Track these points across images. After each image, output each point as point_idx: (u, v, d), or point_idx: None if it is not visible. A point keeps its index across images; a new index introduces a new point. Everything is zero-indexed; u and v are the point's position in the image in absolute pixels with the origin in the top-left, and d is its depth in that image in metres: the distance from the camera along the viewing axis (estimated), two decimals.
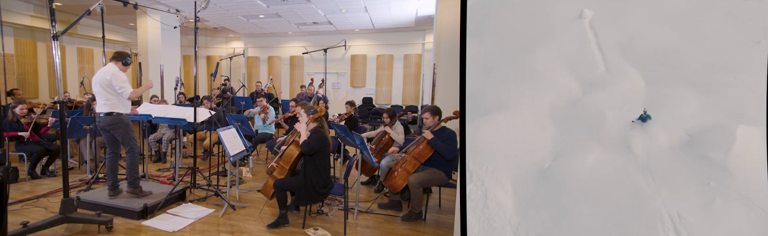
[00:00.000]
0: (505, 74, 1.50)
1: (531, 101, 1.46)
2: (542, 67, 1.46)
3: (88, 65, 9.07)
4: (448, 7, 4.58)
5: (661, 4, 1.34)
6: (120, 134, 3.09)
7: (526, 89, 1.47)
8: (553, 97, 1.44)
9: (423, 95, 9.05)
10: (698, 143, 1.25)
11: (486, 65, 1.53)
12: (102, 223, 2.68)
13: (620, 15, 1.38)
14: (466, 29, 1.53)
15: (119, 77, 3.01)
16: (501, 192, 1.42)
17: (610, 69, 1.38)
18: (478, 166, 1.48)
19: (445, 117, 3.17)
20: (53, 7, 2.53)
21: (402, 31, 9.43)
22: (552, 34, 1.46)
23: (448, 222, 3.09)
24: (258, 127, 5.23)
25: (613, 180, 1.32)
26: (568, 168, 1.37)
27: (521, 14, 1.51)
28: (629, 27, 1.37)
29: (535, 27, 1.49)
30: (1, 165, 1.31)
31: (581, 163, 1.36)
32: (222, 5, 6.91)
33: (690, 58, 1.30)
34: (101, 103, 3.05)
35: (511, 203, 1.41)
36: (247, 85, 9.95)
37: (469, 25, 1.54)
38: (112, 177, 3.17)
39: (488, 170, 1.46)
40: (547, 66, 1.46)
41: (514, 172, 1.43)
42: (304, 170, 2.79)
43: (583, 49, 1.41)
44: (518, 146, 1.46)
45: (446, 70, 4.61)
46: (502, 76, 1.51)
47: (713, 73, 1.27)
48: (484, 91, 1.52)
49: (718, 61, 1.26)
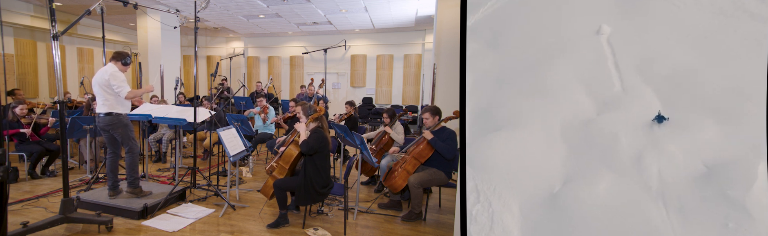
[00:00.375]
0: (518, 87, 1.45)
1: (543, 119, 1.42)
2: (556, 82, 1.41)
3: (88, 65, 9.07)
4: (448, 7, 4.58)
5: (682, 22, 1.27)
6: (119, 134, 3.09)
7: (539, 104, 1.43)
8: (566, 115, 1.39)
9: (423, 95, 9.05)
10: (716, 178, 1.17)
11: (500, 77, 1.48)
12: (102, 223, 2.68)
13: (640, 32, 1.32)
14: (466, 30, 1.53)
15: (117, 77, 3.01)
16: (508, 215, 1.39)
17: (625, 88, 1.32)
18: (486, 185, 1.44)
19: (445, 117, 3.18)
20: (53, 7, 2.53)
21: (402, 31, 9.43)
22: (568, 48, 1.41)
23: (448, 222, 3.09)
24: (258, 127, 5.23)
25: (624, 211, 1.25)
26: (578, 195, 1.32)
27: (538, 26, 1.46)
28: (648, 45, 1.31)
29: (551, 40, 1.44)
30: (1, 165, 1.31)
31: (592, 190, 1.31)
32: (222, 5, 6.91)
33: (710, 82, 1.22)
34: (100, 103, 3.05)
35: (517, 229, 1.36)
36: (247, 85, 9.95)
37: (483, 34, 1.50)
38: (112, 177, 3.17)
39: (496, 190, 1.42)
40: (562, 81, 1.41)
41: (522, 195, 1.39)
42: (304, 170, 2.79)
43: (599, 66, 1.36)
44: (528, 167, 1.41)
45: (446, 70, 4.61)
46: (516, 89, 1.46)
47: (735, 100, 1.19)
48: (497, 104, 1.48)
49: (741, 87, 1.18)
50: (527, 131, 1.43)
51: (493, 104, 1.49)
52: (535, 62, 1.44)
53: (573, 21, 1.40)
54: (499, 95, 1.48)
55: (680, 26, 1.26)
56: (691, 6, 1.24)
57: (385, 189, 3.69)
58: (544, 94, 1.42)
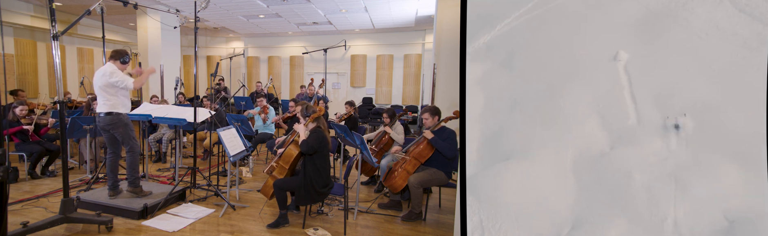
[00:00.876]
0: (531, 111, 1.39)
1: (554, 150, 1.34)
2: (570, 109, 1.33)
3: (88, 65, 9.07)
4: (448, 7, 4.58)
5: (704, 53, 1.17)
6: (120, 133, 3.09)
7: (551, 133, 1.35)
8: (579, 146, 1.32)
9: (423, 95, 9.05)
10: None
11: (513, 98, 1.42)
12: (102, 223, 2.68)
13: (659, 61, 1.22)
14: (466, 30, 1.53)
15: (116, 74, 3.00)
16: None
17: (641, 122, 1.23)
18: (492, 222, 1.38)
19: (444, 117, 3.18)
20: (53, 7, 2.53)
21: (402, 31, 9.43)
22: (584, 73, 1.33)
23: (448, 222, 3.09)
24: (258, 127, 5.23)
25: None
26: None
27: (554, 47, 1.38)
28: (668, 76, 1.21)
29: (566, 63, 1.36)
30: (1, 165, 1.31)
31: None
32: (222, 5, 6.91)
33: (732, 122, 1.12)
34: (101, 103, 3.05)
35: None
36: (247, 85, 9.94)
37: (499, 52, 1.43)
38: (112, 176, 3.17)
39: (502, 228, 1.37)
40: (575, 109, 1.33)
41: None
42: (303, 170, 2.79)
43: (615, 95, 1.27)
44: (537, 203, 1.34)
45: (446, 70, 4.61)
46: (529, 114, 1.40)
47: (759, 144, 1.07)
48: (508, 129, 1.42)
49: (764, 133, 1.07)
50: (538, 163, 1.35)
51: (504, 129, 1.42)
52: (549, 85, 1.37)
53: (590, 45, 1.33)
54: (512, 119, 1.42)
55: (702, 58, 1.17)
56: (714, 37, 1.15)
57: (385, 189, 3.69)
58: (557, 121, 1.35)
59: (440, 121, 3.15)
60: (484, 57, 1.48)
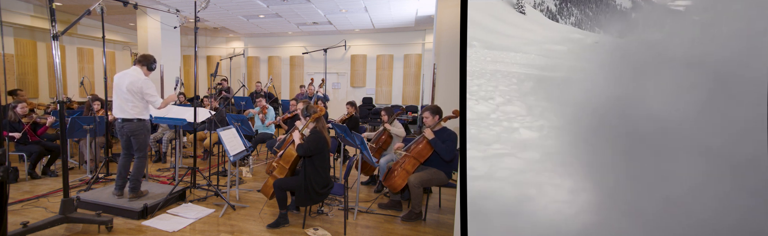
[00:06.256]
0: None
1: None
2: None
3: (88, 65, 9.07)
4: (448, 7, 4.57)
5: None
6: (140, 140, 3.11)
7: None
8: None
9: (423, 95, 9.05)
10: None
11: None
12: (102, 223, 2.68)
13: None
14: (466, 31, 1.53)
15: (151, 86, 3.05)
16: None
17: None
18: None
19: (445, 116, 3.17)
20: (53, 7, 2.53)
21: (402, 31, 9.43)
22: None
23: (448, 222, 3.09)
24: (258, 127, 5.23)
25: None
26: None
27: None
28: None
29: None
30: (1, 165, 1.31)
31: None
32: (222, 5, 6.91)
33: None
34: (128, 108, 3.03)
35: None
36: (247, 85, 9.94)
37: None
38: (122, 177, 3.17)
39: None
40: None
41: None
42: (303, 171, 2.79)
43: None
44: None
45: (446, 70, 4.61)
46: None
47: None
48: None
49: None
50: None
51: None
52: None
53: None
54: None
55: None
56: None
57: (385, 189, 3.69)
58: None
59: (440, 120, 3.15)
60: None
